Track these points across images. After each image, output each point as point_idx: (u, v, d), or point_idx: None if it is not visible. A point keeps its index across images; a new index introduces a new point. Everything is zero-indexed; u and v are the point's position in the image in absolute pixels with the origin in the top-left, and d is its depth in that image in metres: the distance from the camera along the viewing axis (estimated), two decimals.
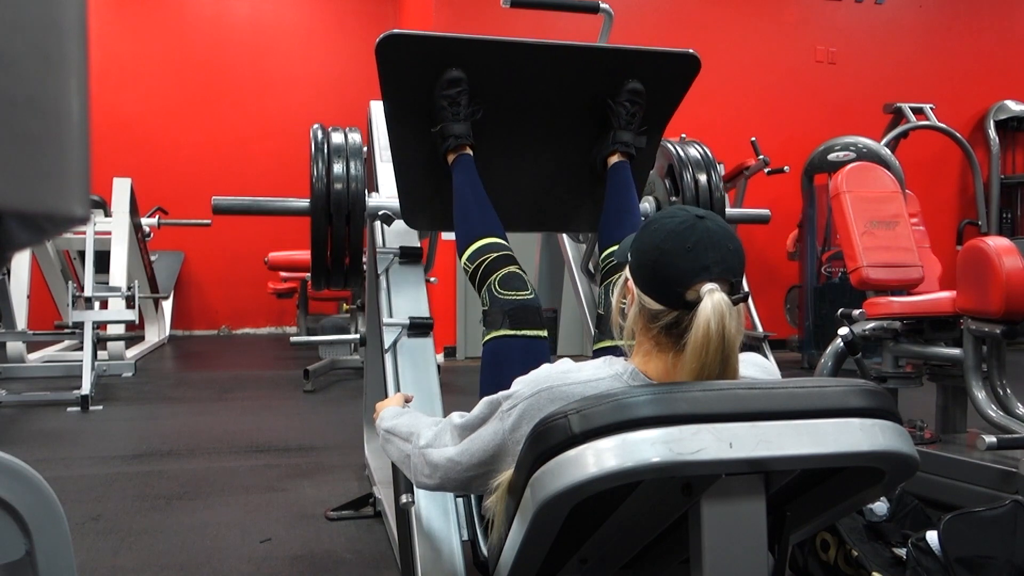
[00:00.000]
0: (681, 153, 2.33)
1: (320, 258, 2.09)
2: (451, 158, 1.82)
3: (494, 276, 1.63)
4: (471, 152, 1.82)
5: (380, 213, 2.10)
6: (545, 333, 1.60)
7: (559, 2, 2.51)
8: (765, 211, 2.60)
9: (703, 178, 2.29)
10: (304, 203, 2.09)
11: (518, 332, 1.56)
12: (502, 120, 1.88)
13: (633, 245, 1.17)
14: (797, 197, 5.72)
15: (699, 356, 1.05)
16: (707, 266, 1.07)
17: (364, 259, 2.24)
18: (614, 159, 1.90)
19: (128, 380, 4.97)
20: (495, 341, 1.58)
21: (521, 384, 1.17)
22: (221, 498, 2.68)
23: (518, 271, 1.65)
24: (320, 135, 2.12)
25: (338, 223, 2.05)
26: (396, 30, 1.72)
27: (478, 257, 1.68)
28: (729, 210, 2.44)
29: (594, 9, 2.30)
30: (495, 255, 1.67)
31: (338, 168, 2.05)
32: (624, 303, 1.19)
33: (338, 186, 2.04)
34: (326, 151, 2.07)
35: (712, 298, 1.04)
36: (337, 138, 2.11)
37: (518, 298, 1.59)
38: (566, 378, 1.13)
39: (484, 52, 1.79)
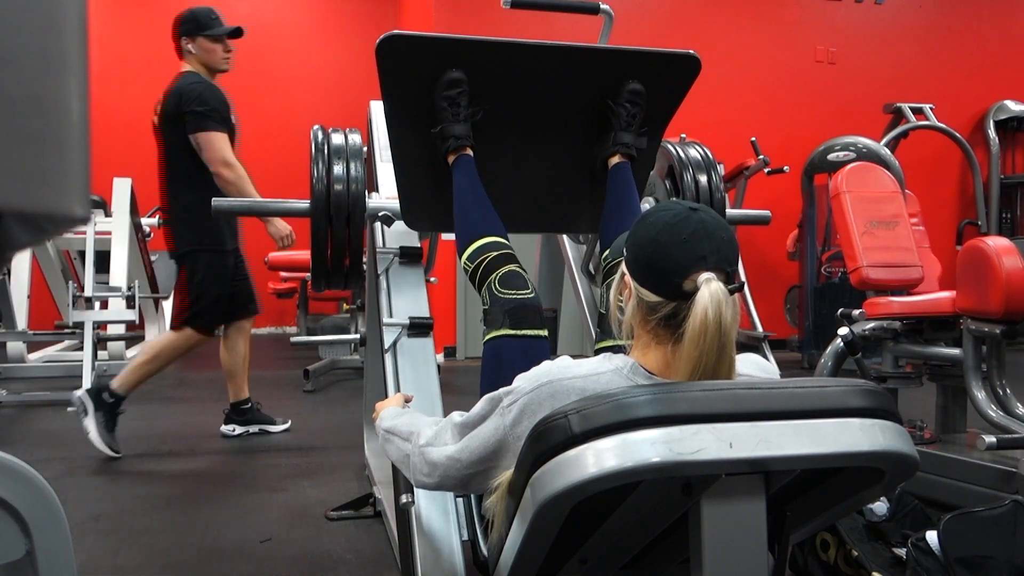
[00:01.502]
0: (681, 154, 2.33)
1: (320, 259, 2.09)
2: (451, 159, 1.82)
3: (494, 275, 1.62)
4: (471, 153, 1.82)
5: (380, 214, 2.10)
6: (545, 332, 1.59)
7: (559, 3, 2.50)
8: (765, 212, 2.60)
9: (703, 179, 2.29)
10: (304, 204, 2.09)
11: (518, 332, 1.55)
12: (502, 121, 1.88)
13: (629, 239, 1.18)
14: (797, 197, 5.72)
15: (697, 344, 1.06)
16: (703, 256, 1.08)
17: (364, 260, 2.24)
18: (615, 160, 1.89)
19: None
20: (495, 341, 1.57)
21: (522, 380, 1.17)
22: (221, 498, 2.68)
23: (518, 269, 1.64)
24: (320, 136, 2.12)
25: (338, 224, 2.05)
26: (396, 31, 1.72)
27: (478, 256, 1.67)
28: (729, 211, 2.44)
29: (594, 10, 2.30)
30: (495, 254, 1.66)
31: (338, 169, 2.05)
32: (621, 299, 1.19)
33: (338, 187, 2.03)
34: (326, 152, 2.07)
35: (710, 287, 1.06)
36: (337, 139, 2.11)
37: (518, 297, 1.58)
38: (566, 372, 1.14)
39: (484, 53, 1.79)
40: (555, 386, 1.12)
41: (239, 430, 3.53)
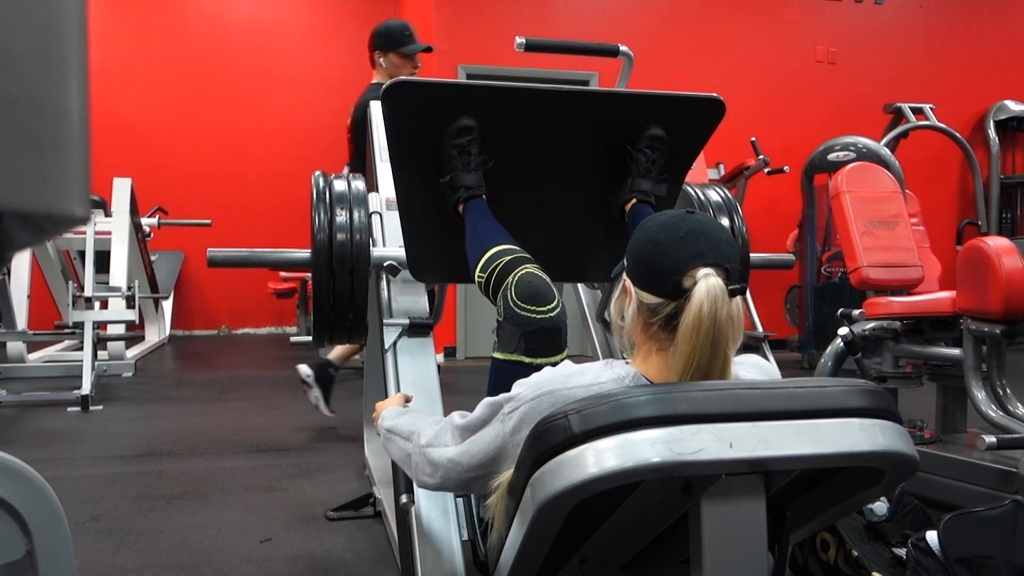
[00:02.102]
0: (702, 197, 2.29)
1: (322, 312, 1.99)
2: (461, 208, 1.70)
3: (512, 277, 1.44)
4: (484, 199, 1.71)
5: (386, 264, 2.01)
6: (564, 356, 1.40)
7: (576, 46, 2.44)
8: (789, 257, 2.62)
9: (725, 222, 2.22)
10: (305, 254, 1.99)
11: (534, 361, 1.38)
12: (515, 168, 1.77)
13: (629, 245, 1.18)
14: (797, 197, 5.72)
15: (690, 339, 1.06)
16: (701, 252, 1.09)
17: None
18: (633, 205, 1.79)
19: (128, 380, 4.96)
20: (507, 364, 1.41)
21: (523, 387, 1.17)
22: (221, 498, 2.68)
23: (538, 272, 1.45)
24: (322, 183, 2.02)
25: (341, 276, 1.95)
26: (403, 77, 1.62)
27: (491, 264, 1.53)
28: (753, 255, 2.40)
29: (613, 53, 2.22)
30: (509, 257, 1.51)
31: (341, 218, 1.95)
32: (623, 306, 1.19)
33: (341, 236, 1.94)
34: (328, 200, 1.97)
35: (707, 282, 1.06)
36: (339, 186, 2.01)
37: (538, 317, 1.39)
38: (568, 382, 1.13)
39: (496, 99, 1.69)
40: (556, 396, 1.12)
41: (311, 379, 3.51)
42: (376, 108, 2.67)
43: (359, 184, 2.05)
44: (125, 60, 7.07)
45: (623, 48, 2.21)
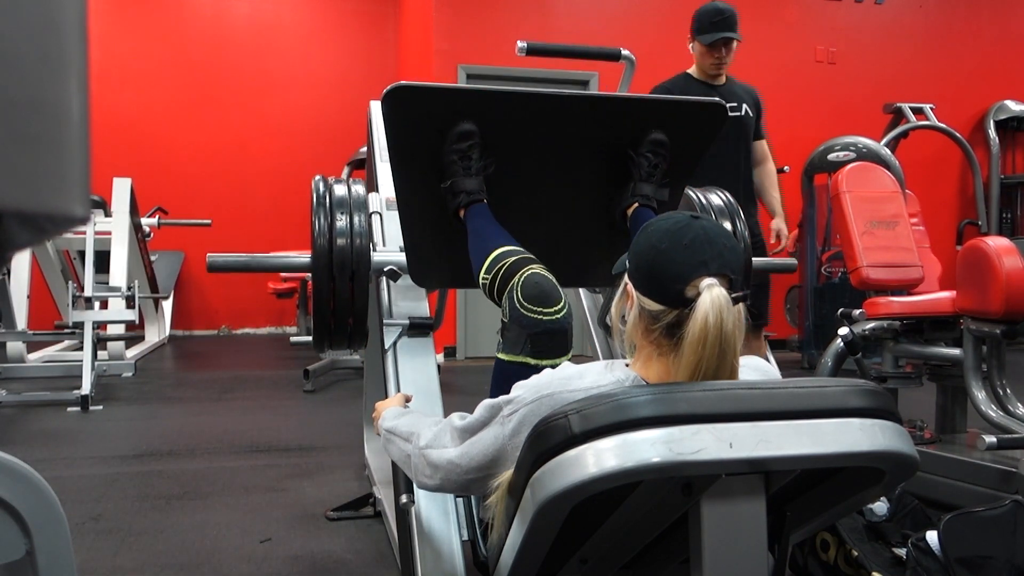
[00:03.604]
0: (704, 201, 2.30)
1: (323, 318, 1.98)
2: (462, 214, 1.69)
3: (517, 277, 1.42)
4: (485, 203, 1.70)
5: (386, 269, 2.00)
6: (569, 357, 1.39)
7: (578, 50, 2.43)
8: (791, 261, 2.67)
9: (727, 226, 2.21)
10: (305, 259, 1.98)
11: (540, 362, 1.36)
12: (516, 173, 1.76)
13: (630, 250, 1.17)
14: (797, 197, 5.72)
15: (696, 351, 1.05)
16: (705, 261, 1.08)
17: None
18: (635, 209, 1.79)
19: (128, 380, 4.97)
20: (511, 365, 1.39)
21: (522, 389, 1.17)
22: (221, 498, 2.68)
23: (543, 272, 1.44)
24: (322, 187, 2.01)
25: (341, 281, 1.94)
26: (404, 82, 1.61)
27: (495, 265, 1.51)
28: (756, 260, 2.39)
29: (615, 57, 2.22)
30: (515, 258, 1.49)
31: (341, 223, 1.94)
32: (624, 310, 1.19)
33: (341, 241, 1.93)
34: (328, 204, 1.96)
35: (711, 292, 1.05)
36: (340, 190, 2.00)
37: (544, 319, 1.37)
38: (568, 385, 1.13)
39: (497, 104, 1.68)
40: (555, 399, 1.11)
41: None
42: (376, 109, 2.67)
43: (359, 188, 2.05)
44: (125, 60, 7.07)
45: (625, 52, 2.20)
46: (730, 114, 3.16)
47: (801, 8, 6.63)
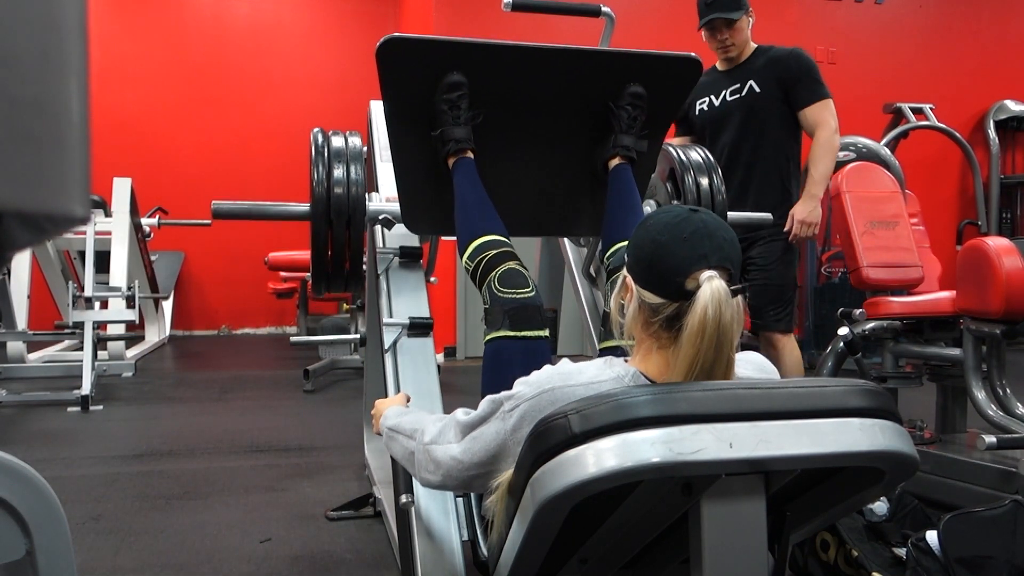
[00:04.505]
0: (683, 157, 2.33)
1: (320, 262, 2.08)
2: (451, 162, 1.81)
3: (494, 272, 1.60)
4: (472, 156, 1.81)
5: (381, 217, 2.10)
6: (546, 332, 1.57)
7: (559, 6, 2.51)
8: (767, 215, 2.60)
9: (705, 182, 2.29)
10: (304, 207, 2.08)
11: (519, 333, 1.53)
12: (503, 124, 1.87)
13: (630, 243, 1.18)
14: None
15: (694, 342, 1.06)
16: (704, 254, 1.09)
17: (365, 262, 2.23)
18: (615, 162, 1.89)
19: (128, 380, 4.97)
20: (496, 342, 1.56)
21: (523, 385, 1.17)
22: (221, 498, 2.68)
23: (518, 267, 1.62)
24: (320, 139, 2.11)
25: (338, 227, 2.04)
26: (397, 34, 1.71)
27: (478, 255, 1.66)
28: (731, 214, 2.44)
29: (595, 12, 2.29)
30: (495, 251, 1.65)
31: (338, 172, 2.04)
32: (623, 302, 1.19)
33: (338, 190, 2.02)
34: (326, 155, 2.06)
35: (711, 285, 1.06)
36: (337, 142, 2.09)
37: (518, 296, 1.56)
38: (568, 380, 1.14)
39: (485, 56, 1.78)
40: (556, 394, 1.12)
41: None
42: (376, 109, 2.67)
43: (355, 140, 2.13)
44: (125, 60, 7.08)
45: (605, 9, 2.27)
46: (729, 98, 3.08)
47: (801, 8, 6.63)
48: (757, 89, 3.04)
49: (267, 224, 7.14)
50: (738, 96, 3.07)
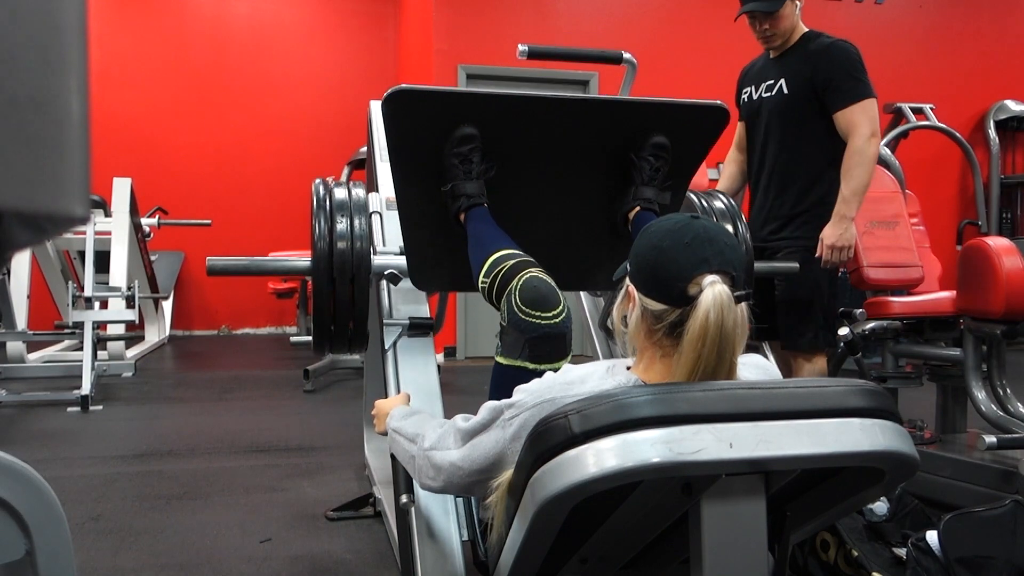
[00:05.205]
0: (705, 205, 2.28)
1: (322, 321, 1.98)
2: (463, 217, 1.69)
3: (516, 281, 1.41)
4: (486, 207, 1.70)
5: (387, 272, 1.99)
6: (568, 360, 1.38)
7: (579, 53, 2.43)
8: (794, 265, 2.49)
9: (729, 229, 2.22)
10: (305, 263, 1.98)
11: (539, 366, 1.35)
12: (517, 176, 1.76)
13: (631, 252, 1.17)
14: None
15: (695, 347, 1.05)
16: (706, 259, 1.08)
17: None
18: (637, 213, 1.77)
19: (128, 380, 4.97)
20: (510, 369, 1.38)
21: (524, 393, 1.16)
22: (221, 498, 2.68)
23: (542, 276, 1.42)
24: (322, 190, 2.00)
25: (341, 284, 1.93)
26: (404, 85, 1.61)
27: (494, 269, 1.50)
28: (757, 264, 2.36)
29: (617, 60, 2.21)
30: (513, 261, 1.48)
31: (341, 226, 1.93)
32: (626, 312, 1.18)
33: (341, 244, 1.92)
34: (328, 207, 1.96)
35: (713, 289, 1.05)
36: (340, 193, 2.00)
37: (543, 324, 1.35)
38: (569, 390, 1.13)
39: (498, 107, 1.67)
40: (556, 403, 1.11)
41: None
42: (376, 108, 2.67)
43: (359, 191, 2.04)
44: (125, 60, 7.08)
45: (626, 55, 2.19)
46: (764, 94, 2.85)
47: (801, 8, 6.62)
48: (786, 91, 2.80)
49: (267, 224, 7.17)
50: (769, 95, 2.85)
